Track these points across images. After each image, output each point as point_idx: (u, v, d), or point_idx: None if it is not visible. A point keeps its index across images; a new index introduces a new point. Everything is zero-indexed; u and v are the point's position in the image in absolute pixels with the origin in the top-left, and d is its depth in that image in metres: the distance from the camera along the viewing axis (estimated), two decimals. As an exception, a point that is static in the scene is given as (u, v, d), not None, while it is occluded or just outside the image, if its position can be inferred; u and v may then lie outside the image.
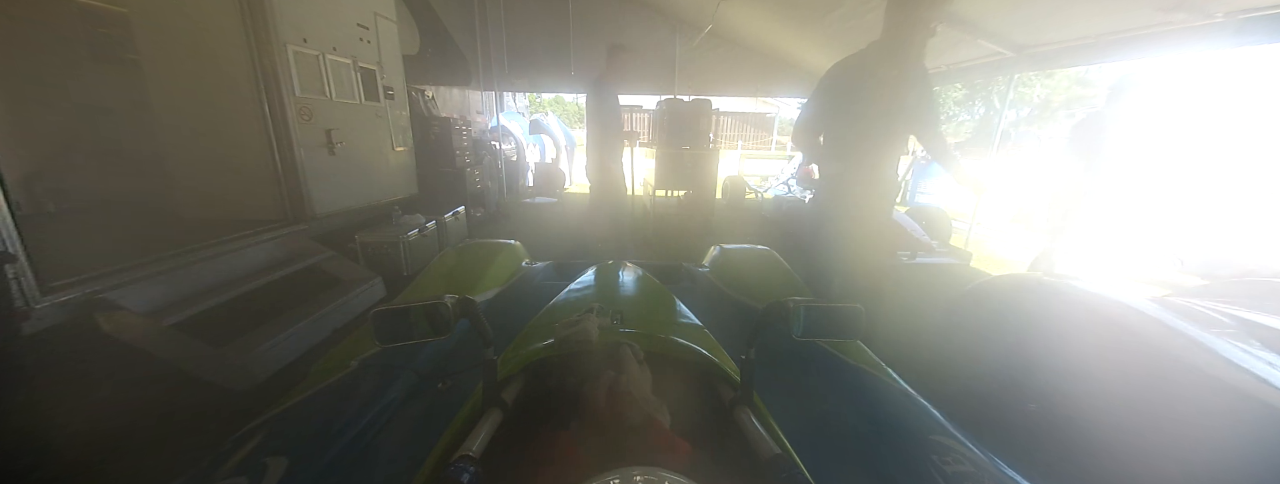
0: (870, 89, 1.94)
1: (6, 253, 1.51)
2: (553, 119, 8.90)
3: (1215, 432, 1.12)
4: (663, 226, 5.15)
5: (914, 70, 1.98)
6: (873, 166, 2.05)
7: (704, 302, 1.64)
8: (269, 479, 0.76)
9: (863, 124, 1.98)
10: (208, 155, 2.75)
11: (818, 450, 0.94)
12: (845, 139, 2.05)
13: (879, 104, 1.95)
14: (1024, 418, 1.53)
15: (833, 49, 5.19)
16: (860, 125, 1.99)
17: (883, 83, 1.93)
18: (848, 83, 1.99)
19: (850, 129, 2.02)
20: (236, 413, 1.74)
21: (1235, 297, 1.90)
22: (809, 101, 2.13)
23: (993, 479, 0.81)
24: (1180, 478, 1.10)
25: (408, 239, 3.34)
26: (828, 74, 2.04)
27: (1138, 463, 1.19)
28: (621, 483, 0.47)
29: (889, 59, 1.92)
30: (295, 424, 0.95)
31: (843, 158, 2.08)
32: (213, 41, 2.56)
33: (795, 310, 0.77)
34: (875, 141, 2.01)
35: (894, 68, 1.93)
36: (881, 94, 1.93)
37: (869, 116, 1.96)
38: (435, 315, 0.74)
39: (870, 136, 2.00)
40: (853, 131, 2.02)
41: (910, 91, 1.98)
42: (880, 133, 2.00)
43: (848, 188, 2.07)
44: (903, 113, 2.00)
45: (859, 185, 2.06)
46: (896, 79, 1.94)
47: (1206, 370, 1.21)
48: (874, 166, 2.06)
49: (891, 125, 2.01)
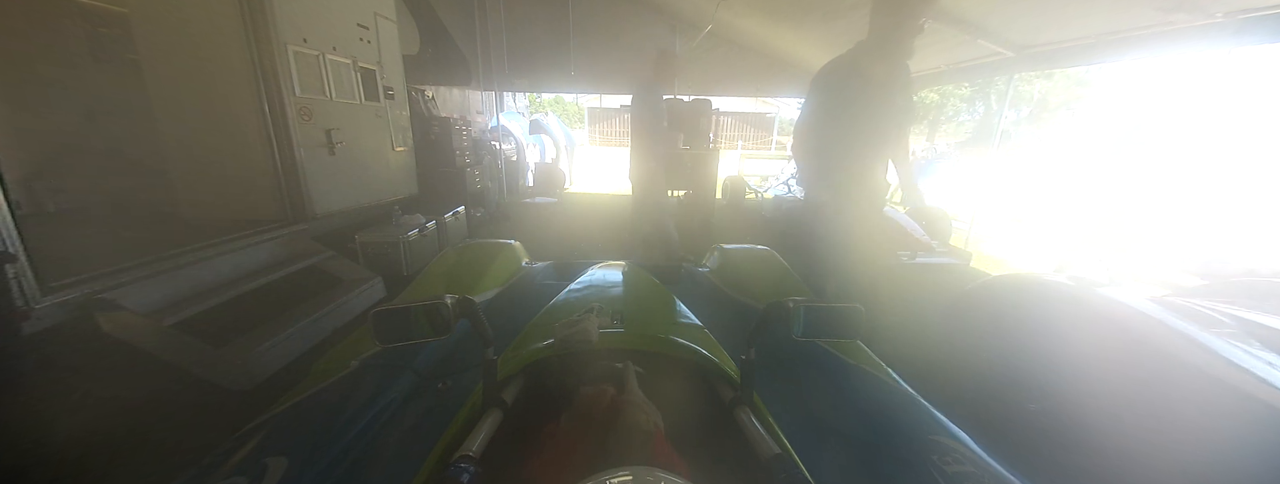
0: (857, 88, 1.94)
1: (7, 253, 1.51)
2: (553, 119, 8.91)
3: (1215, 431, 1.12)
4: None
5: (901, 70, 1.99)
6: (863, 166, 2.06)
7: (704, 302, 1.64)
8: (269, 479, 0.76)
9: (853, 123, 1.99)
10: (208, 155, 2.75)
11: (818, 450, 0.94)
12: (835, 138, 2.05)
13: (869, 104, 1.95)
14: (1023, 417, 1.53)
15: (833, 49, 5.19)
16: (850, 124, 1.99)
17: (871, 82, 1.93)
18: (838, 83, 2.00)
19: (840, 128, 2.02)
20: (236, 413, 1.75)
21: (1235, 296, 1.90)
22: (804, 105, 2.14)
23: (993, 479, 0.81)
24: (1180, 478, 1.10)
25: (408, 239, 3.34)
26: (818, 75, 2.05)
27: (1138, 463, 1.20)
28: (617, 483, 0.47)
29: (878, 58, 1.92)
30: (295, 424, 0.95)
31: (832, 157, 2.08)
32: (213, 41, 2.56)
33: (795, 310, 0.77)
34: (864, 141, 2.02)
35: (882, 67, 1.93)
36: (870, 94, 1.94)
37: (859, 116, 1.97)
38: (435, 315, 0.74)
39: (860, 136, 2.00)
40: (843, 131, 2.02)
41: (899, 92, 1.99)
42: (869, 132, 2.01)
43: (838, 187, 2.07)
44: (892, 112, 2.01)
45: (850, 185, 2.06)
46: (885, 78, 1.94)
47: (1207, 370, 1.21)
48: (864, 166, 2.06)
49: (880, 125, 2.02)
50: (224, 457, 0.82)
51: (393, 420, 1.00)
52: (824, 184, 2.10)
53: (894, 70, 1.96)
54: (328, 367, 1.17)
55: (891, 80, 1.96)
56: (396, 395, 1.07)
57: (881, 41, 1.91)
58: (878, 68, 1.93)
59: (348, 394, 1.05)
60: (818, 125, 2.08)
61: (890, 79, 1.95)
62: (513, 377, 0.91)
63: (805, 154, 2.16)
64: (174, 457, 1.48)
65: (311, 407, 1.01)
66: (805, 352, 1.32)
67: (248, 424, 0.93)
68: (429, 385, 1.13)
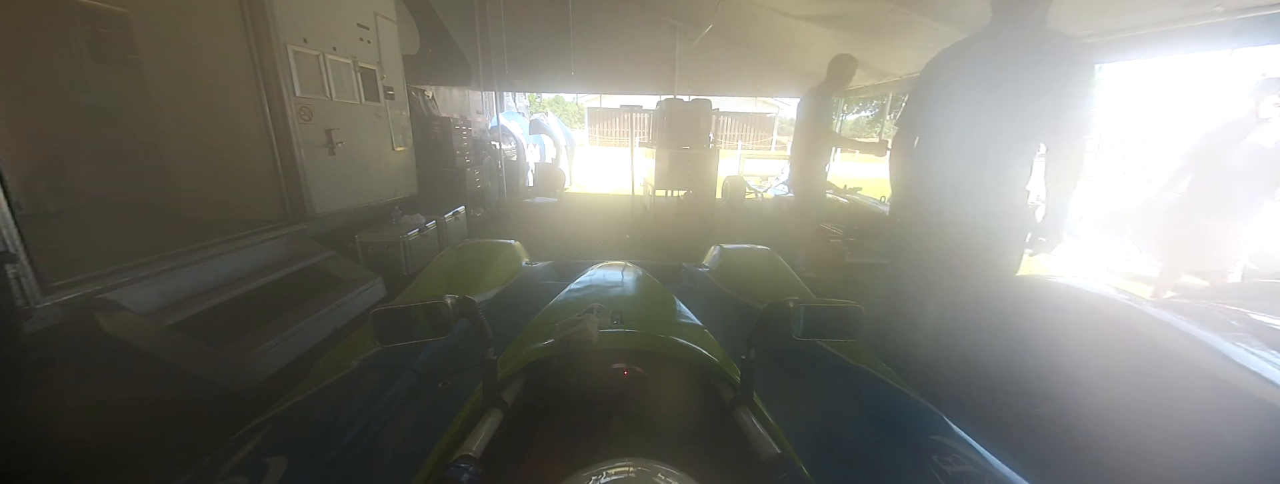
0: (976, 72, 1.56)
1: (7, 253, 1.51)
2: (553, 119, 8.91)
3: (1220, 434, 1.12)
4: (662, 226, 5.15)
5: (1039, 40, 1.51)
6: (979, 169, 1.63)
7: (704, 302, 1.64)
8: (269, 479, 0.76)
9: (969, 115, 1.60)
10: (208, 155, 2.75)
11: (818, 450, 0.94)
12: (945, 135, 1.69)
13: (992, 89, 1.55)
14: (1023, 417, 1.53)
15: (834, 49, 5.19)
16: (966, 117, 1.60)
17: (995, 63, 1.53)
18: (954, 68, 1.63)
19: (953, 123, 1.64)
20: (236, 413, 1.74)
21: (1239, 297, 1.89)
22: (909, 100, 1.82)
23: (995, 480, 0.81)
24: (1184, 480, 1.10)
25: (408, 239, 3.34)
26: (931, 61, 1.73)
27: (1142, 465, 1.19)
28: (615, 474, 0.47)
29: (1001, 30, 1.53)
30: (295, 424, 0.95)
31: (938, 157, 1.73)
32: (213, 41, 2.57)
33: (795, 310, 0.77)
34: (981, 139, 1.62)
35: (1007, 38, 1.52)
36: (995, 76, 1.53)
37: (977, 107, 1.58)
38: (435, 315, 0.74)
39: (974, 132, 1.60)
40: (956, 126, 1.64)
41: (1030, 65, 1.51)
42: (984, 126, 1.61)
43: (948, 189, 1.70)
44: (1023, 101, 1.53)
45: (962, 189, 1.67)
46: (1011, 54, 1.50)
47: (1211, 371, 1.21)
48: (981, 168, 1.63)
49: (1001, 120, 1.56)
50: (224, 457, 0.82)
51: (393, 420, 1.00)
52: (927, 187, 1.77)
53: (1028, 41, 1.49)
54: (328, 367, 1.17)
55: (1024, 56, 1.51)
56: (396, 395, 1.07)
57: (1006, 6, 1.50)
58: (1003, 41, 1.52)
59: (348, 394, 1.05)
60: (925, 119, 1.72)
61: (1022, 55, 1.51)
62: (513, 376, 0.91)
63: (908, 163, 1.82)
64: (174, 457, 1.48)
65: (311, 407, 1.01)
66: (805, 352, 1.32)
67: (248, 424, 0.93)
68: (429, 385, 1.13)
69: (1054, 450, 1.39)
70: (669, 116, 5.07)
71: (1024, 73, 1.52)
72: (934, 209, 1.78)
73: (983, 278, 1.78)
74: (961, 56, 1.67)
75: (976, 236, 1.71)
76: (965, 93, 1.62)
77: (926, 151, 1.80)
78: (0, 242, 1.52)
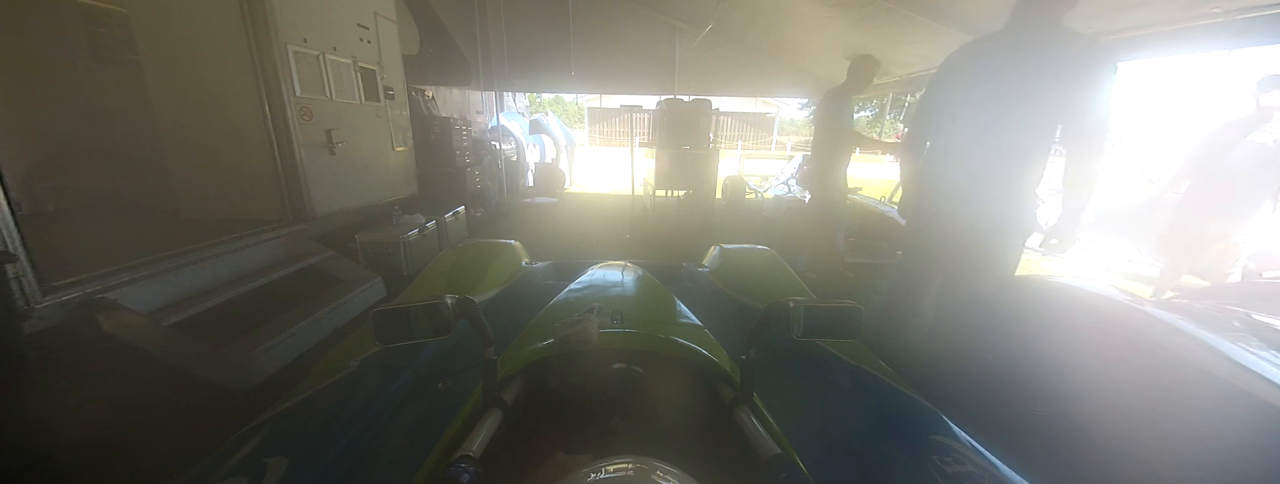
0: (994, 72, 1.55)
1: (7, 252, 1.51)
2: (553, 119, 8.90)
3: (1220, 433, 1.12)
4: (662, 226, 5.16)
5: (1061, 41, 1.48)
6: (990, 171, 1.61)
7: (704, 302, 1.64)
8: (269, 479, 0.76)
9: (983, 116, 1.57)
10: (208, 155, 2.75)
11: (818, 450, 0.94)
12: (960, 135, 1.67)
13: (1009, 90, 1.52)
14: (1024, 417, 1.53)
15: (834, 49, 5.19)
16: (982, 118, 1.57)
17: (1014, 64, 1.51)
18: (970, 68, 1.60)
19: (969, 123, 1.61)
20: (236, 413, 1.75)
21: (1240, 297, 1.89)
22: (921, 100, 1.79)
23: (994, 480, 0.81)
24: (1185, 480, 1.10)
25: (408, 239, 3.34)
26: (944, 62, 1.71)
27: (1142, 464, 1.19)
28: (615, 471, 0.47)
29: (1019, 30, 1.50)
30: (295, 424, 0.95)
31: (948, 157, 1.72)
32: (213, 41, 2.56)
33: (795, 310, 0.77)
34: (997, 140, 1.59)
35: (1025, 38, 1.49)
36: (1013, 77, 1.52)
37: (994, 107, 1.56)
38: (435, 315, 0.74)
39: (990, 133, 1.58)
40: (972, 127, 1.61)
41: (1049, 66, 1.49)
42: (998, 127, 1.59)
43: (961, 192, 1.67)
44: (1042, 103, 1.50)
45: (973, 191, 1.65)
46: (1028, 54, 1.47)
47: (1212, 371, 1.21)
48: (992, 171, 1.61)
49: (1018, 121, 1.53)
50: (224, 457, 0.82)
51: (393, 420, 1.00)
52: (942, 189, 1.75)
53: (1043, 39, 1.46)
54: (328, 367, 1.17)
55: (1039, 56, 1.48)
56: (396, 395, 1.07)
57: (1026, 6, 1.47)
58: (1018, 40, 1.49)
59: (348, 394, 1.05)
60: (936, 120, 1.70)
61: (1037, 55, 1.48)
62: (513, 377, 0.91)
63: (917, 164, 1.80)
64: (174, 456, 1.48)
65: (311, 407, 1.01)
66: (805, 351, 1.32)
67: (248, 424, 0.93)
68: (429, 385, 1.13)
69: (1054, 450, 1.39)
70: (669, 116, 5.07)
71: (1045, 74, 1.49)
72: (946, 210, 1.76)
73: (987, 278, 1.79)
74: (977, 56, 1.64)
75: (988, 237, 1.70)
76: (981, 93, 1.59)
77: (940, 152, 1.78)
78: (0, 241, 1.52)
